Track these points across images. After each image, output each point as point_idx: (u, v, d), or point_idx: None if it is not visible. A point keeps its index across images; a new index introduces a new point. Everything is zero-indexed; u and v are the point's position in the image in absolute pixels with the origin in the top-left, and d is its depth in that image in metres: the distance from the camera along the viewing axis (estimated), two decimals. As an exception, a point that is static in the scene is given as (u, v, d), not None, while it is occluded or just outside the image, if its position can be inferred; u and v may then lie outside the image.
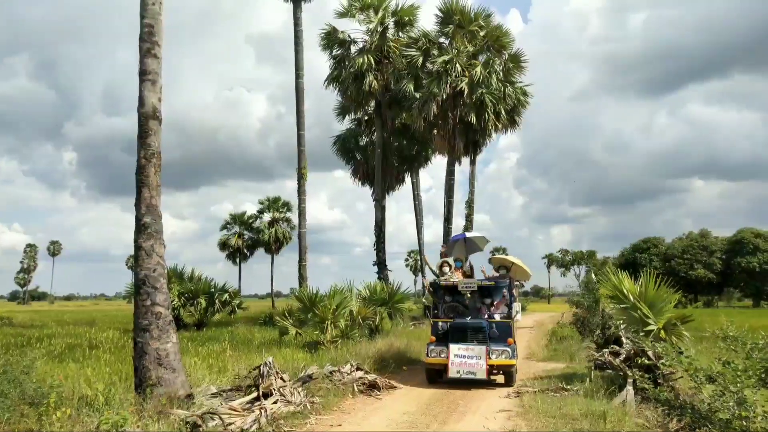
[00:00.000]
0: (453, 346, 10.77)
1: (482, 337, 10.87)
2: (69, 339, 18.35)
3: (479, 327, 11.02)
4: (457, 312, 11.93)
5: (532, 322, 31.40)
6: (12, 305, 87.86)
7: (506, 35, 24.06)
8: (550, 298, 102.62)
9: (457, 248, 13.91)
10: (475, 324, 11.12)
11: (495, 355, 10.65)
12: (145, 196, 8.39)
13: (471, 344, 10.77)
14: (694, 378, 6.80)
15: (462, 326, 11.17)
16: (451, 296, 12.07)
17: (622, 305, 10.93)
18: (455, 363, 10.63)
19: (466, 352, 10.68)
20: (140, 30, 8.81)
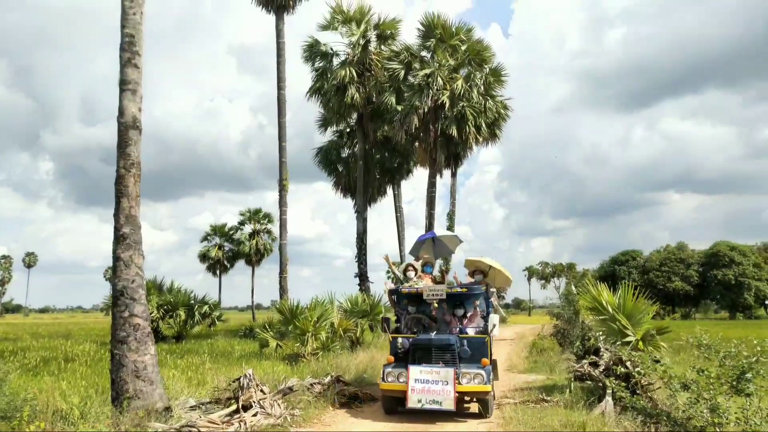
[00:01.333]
0: (413, 369, 8.74)
1: (450, 357, 8.93)
2: (44, 352, 18.00)
3: (446, 344, 9.00)
4: (422, 326, 10.07)
5: (512, 334, 31.52)
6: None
7: (487, 49, 24.35)
8: (530, 310, 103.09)
9: (425, 250, 11.75)
10: (440, 341, 9.06)
11: (466, 379, 8.64)
12: (124, 206, 8.32)
13: (436, 366, 8.76)
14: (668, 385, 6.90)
15: (425, 343, 9.10)
16: (415, 307, 10.16)
17: (601, 317, 11.04)
18: (416, 390, 8.58)
19: (429, 375, 8.65)
20: (120, 39, 8.78)
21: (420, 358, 9.02)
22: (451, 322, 9.99)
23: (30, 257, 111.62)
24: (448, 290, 9.68)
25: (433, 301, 9.80)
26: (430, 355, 8.99)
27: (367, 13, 25.35)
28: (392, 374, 8.98)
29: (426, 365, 8.84)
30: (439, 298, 9.68)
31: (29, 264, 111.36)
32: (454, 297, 9.89)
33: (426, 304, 10.05)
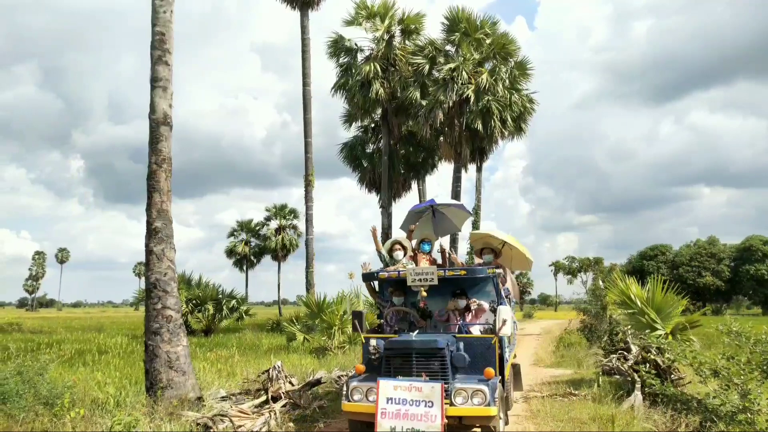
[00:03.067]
0: (385, 384, 6.19)
1: (439, 367, 6.40)
2: (78, 344, 18.48)
3: (432, 348, 6.40)
4: (408, 323, 7.72)
5: (539, 329, 31.39)
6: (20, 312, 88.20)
7: (512, 43, 24.14)
8: (557, 305, 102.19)
9: (422, 224, 9.09)
10: (424, 343, 6.45)
11: (461, 398, 6.17)
12: (156, 200, 8.50)
13: (417, 380, 6.23)
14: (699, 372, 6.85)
15: (402, 347, 6.51)
16: (402, 297, 7.79)
17: (630, 311, 10.96)
18: (388, 413, 6.15)
19: (407, 393, 6.12)
20: (151, 38, 8.96)
21: (397, 369, 6.45)
22: (449, 317, 7.62)
23: (62, 253, 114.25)
24: (441, 274, 7.01)
25: (420, 289, 7.13)
26: (409, 364, 6.40)
27: (392, 8, 25.33)
28: (359, 390, 6.50)
29: (403, 378, 6.28)
30: (428, 284, 7.04)
31: (61, 260, 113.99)
32: (452, 283, 7.42)
33: (415, 294, 7.67)
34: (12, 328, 28.35)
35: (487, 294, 7.64)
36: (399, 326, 7.70)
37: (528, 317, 56.91)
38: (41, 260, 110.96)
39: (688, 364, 7.64)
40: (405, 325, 7.70)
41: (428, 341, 6.46)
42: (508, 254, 8.74)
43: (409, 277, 7.06)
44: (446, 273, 7.04)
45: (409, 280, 7.07)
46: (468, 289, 7.63)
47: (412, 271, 7.09)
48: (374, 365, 6.90)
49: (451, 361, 6.52)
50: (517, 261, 9.01)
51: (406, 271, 7.11)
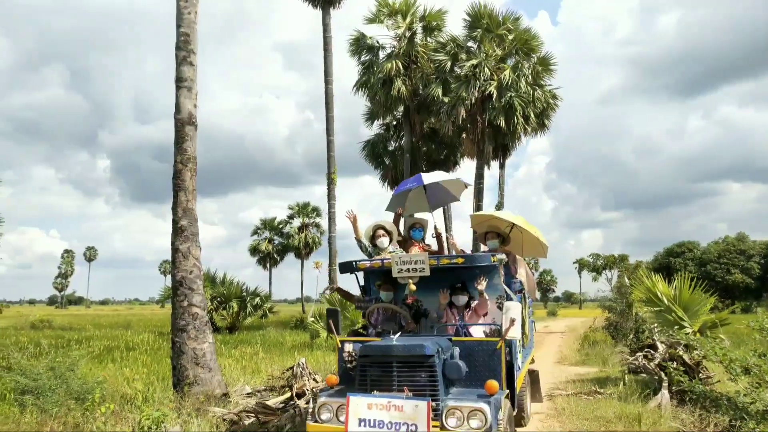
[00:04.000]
0: (357, 400, 4.98)
1: (427, 379, 5.10)
2: (106, 341, 18.83)
3: (416, 356, 5.12)
4: (395, 324, 6.39)
5: (563, 327, 31.12)
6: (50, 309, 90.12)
7: (535, 38, 23.94)
8: (581, 303, 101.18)
9: (412, 202, 7.86)
10: (406, 349, 5.14)
11: (454, 419, 4.89)
12: (182, 199, 8.62)
13: (397, 397, 4.92)
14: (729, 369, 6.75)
15: (378, 354, 5.26)
16: (391, 292, 6.52)
17: (656, 308, 10.81)
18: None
19: (385, 413, 4.91)
20: (176, 39, 9.08)
21: (374, 381, 5.19)
22: (446, 316, 6.38)
23: (90, 251, 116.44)
24: (434, 263, 5.82)
25: (409, 281, 6.02)
26: (389, 376, 5.13)
27: (413, 5, 25.29)
28: (328, 407, 5.25)
29: (380, 394, 5.01)
30: (418, 274, 5.87)
31: (89, 258, 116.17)
32: (448, 273, 6.31)
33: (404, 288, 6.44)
34: (43, 325, 28.99)
35: (493, 287, 6.24)
36: (384, 327, 6.27)
37: (552, 315, 56.42)
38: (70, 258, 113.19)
39: (718, 362, 7.52)
40: (392, 325, 6.31)
41: (412, 346, 5.09)
42: (518, 239, 7.35)
43: (395, 266, 5.86)
44: (440, 261, 5.82)
45: (395, 270, 5.88)
46: (469, 282, 6.31)
47: (398, 258, 5.87)
48: (351, 376, 5.69)
49: (443, 371, 5.18)
50: (530, 246, 7.59)
51: (392, 259, 5.91)
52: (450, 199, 8.26)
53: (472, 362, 5.51)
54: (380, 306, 6.48)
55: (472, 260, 5.90)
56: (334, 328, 6.23)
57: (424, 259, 5.79)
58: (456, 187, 7.96)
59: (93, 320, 37.74)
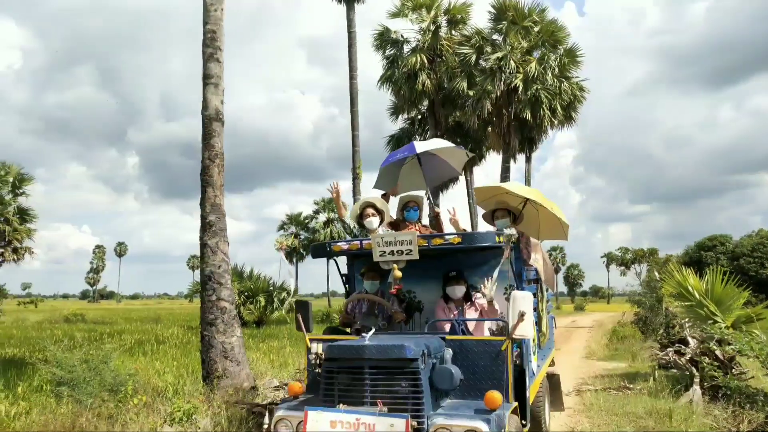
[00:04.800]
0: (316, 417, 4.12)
1: (408, 390, 4.15)
2: (137, 335, 19.20)
3: (393, 360, 4.17)
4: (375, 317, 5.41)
5: (591, 322, 30.79)
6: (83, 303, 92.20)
7: (561, 30, 23.64)
8: (609, 297, 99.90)
9: (405, 178, 6.65)
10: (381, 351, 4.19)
11: None
12: (210, 195, 8.73)
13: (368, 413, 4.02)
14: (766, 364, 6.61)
15: (346, 357, 4.32)
16: (377, 281, 5.51)
17: (687, 303, 10.62)
18: None
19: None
20: (203, 36, 9.16)
21: (342, 392, 4.24)
22: (440, 309, 5.37)
23: (120, 247, 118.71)
24: (424, 244, 4.73)
25: (393, 266, 4.85)
26: (361, 384, 4.17)
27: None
28: (287, 423, 4.40)
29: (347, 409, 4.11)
30: (404, 258, 4.78)
31: (120, 253, 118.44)
32: (442, 257, 5.38)
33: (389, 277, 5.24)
34: (76, 319, 29.69)
35: (500, 276, 5.05)
36: (364, 323, 5.11)
37: (579, 309, 55.85)
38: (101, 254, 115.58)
39: (754, 357, 7.37)
40: (374, 321, 5.23)
41: (389, 347, 4.09)
42: (532, 217, 6.20)
43: (376, 248, 4.80)
44: (431, 242, 4.73)
45: (376, 252, 4.82)
46: (471, 269, 5.42)
47: (380, 239, 4.79)
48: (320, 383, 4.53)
49: (431, 379, 4.20)
50: (547, 226, 6.31)
51: (372, 240, 4.86)
52: (450, 173, 7.01)
53: (471, 367, 4.50)
54: (359, 296, 5.51)
55: (471, 240, 4.75)
56: (302, 324, 5.21)
57: (411, 239, 4.70)
58: (456, 157, 6.68)
59: (124, 314, 38.51)
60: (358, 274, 5.75)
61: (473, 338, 4.78)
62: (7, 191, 29.06)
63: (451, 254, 5.34)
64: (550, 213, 5.96)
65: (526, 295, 4.43)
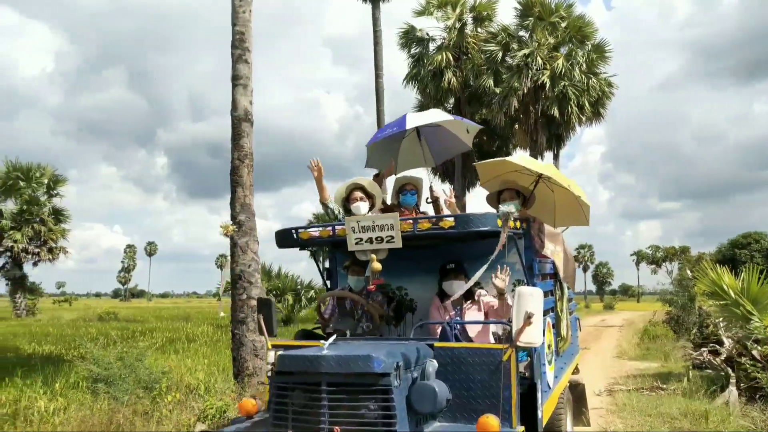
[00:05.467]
0: None
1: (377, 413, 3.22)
2: (168, 333, 19.50)
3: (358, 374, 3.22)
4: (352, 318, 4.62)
5: (621, 321, 30.36)
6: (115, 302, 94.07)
7: (589, 25, 23.39)
8: (639, 296, 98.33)
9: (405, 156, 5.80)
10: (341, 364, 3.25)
11: None
12: (239, 195, 8.83)
13: None
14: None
15: (301, 370, 3.36)
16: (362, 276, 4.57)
17: (722, 302, 10.39)
18: None
19: None
20: (232, 37, 9.26)
21: (297, 414, 3.39)
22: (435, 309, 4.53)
23: (151, 246, 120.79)
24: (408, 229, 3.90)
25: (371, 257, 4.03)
26: (317, 405, 3.29)
27: (463, -4, 25.04)
28: None
29: None
30: (384, 246, 3.98)
31: (150, 252, 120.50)
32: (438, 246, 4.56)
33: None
34: (109, 317, 30.28)
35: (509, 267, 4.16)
36: (339, 327, 4.40)
37: (609, 308, 55.08)
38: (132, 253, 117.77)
39: None
40: (350, 323, 4.47)
41: (351, 359, 3.23)
42: (546, 199, 5.11)
43: (351, 234, 3.95)
44: (417, 226, 3.85)
45: (351, 239, 3.97)
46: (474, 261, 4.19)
47: (355, 223, 3.95)
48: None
49: (408, 399, 3.34)
50: (565, 209, 5.23)
51: (345, 224, 4.01)
52: (459, 147, 5.95)
53: (465, 383, 3.62)
54: (333, 294, 4.74)
55: (466, 223, 3.80)
56: (263, 327, 4.26)
57: (392, 223, 3.82)
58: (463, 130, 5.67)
59: (154, 312, 39.15)
60: (342, 268, 4.89)
61: (467, 346, 3.77)
62: (42, 192, 29.89)
63: (449, 243, 4.48)
64: (567, 192, 4.85)
65: (535, 292, 3.50)
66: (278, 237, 4.51)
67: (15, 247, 28.10)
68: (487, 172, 5.34)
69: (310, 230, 4.39)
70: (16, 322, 26.92)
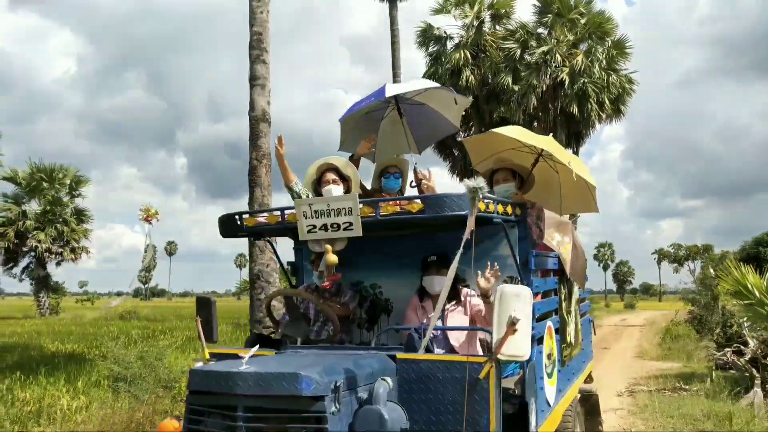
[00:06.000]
0: None
1: None
2: (188, 332, 19.65)
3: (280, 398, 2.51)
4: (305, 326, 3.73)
5: (642, 320, 30.01)
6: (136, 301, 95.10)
7: (609, 21, 23.12)
8: (660, 295, 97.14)
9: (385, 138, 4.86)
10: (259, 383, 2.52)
11: None
12: (258, 195, 8.87)
13: None
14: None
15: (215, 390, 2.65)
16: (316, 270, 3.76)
17: (747, 301, 10.21)
18: None
19: None
20: (249, 38, 9.31)
21: None
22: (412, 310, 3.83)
23: (171, 246, 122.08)
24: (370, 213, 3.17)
25: (325, 247, 3.32)
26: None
27: (480, -7, 24.92)
28: None
29: None
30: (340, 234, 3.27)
31: (170, 252, 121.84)
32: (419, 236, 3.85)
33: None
34: (131, 316, 30.65)
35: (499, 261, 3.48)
36: (289, 332, 3.65)
37: (630, 307, 54.48)
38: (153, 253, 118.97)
39: None
40: (302, 328, 3.66)
41: (274, 377, 2.56)
42: (550, 180, 4.45)
43: (302, 219, 3.27)
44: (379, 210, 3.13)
45: (302, 226, 3.28)
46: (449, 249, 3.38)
47: (307, 207, 3.26)
48: None
49: (352, 428, 2.65)
50: (572, 193, 4.48)
51: (296, 207, 3.34)
52: (445, 129, 5.04)
53: (432, 405, 2.92)
54: (280, 293, 4.27)
55: (437, 206, 3.06)
56: (202, 332, 3.61)
57: (350, 206, 3.13)
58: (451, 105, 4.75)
59: (174, 311, 39.56)
60: (309, 263, 4.15)
61: (436, 358, 3.03)
62: (64, 193, 30.37)
63: (433, 233, 3.76)
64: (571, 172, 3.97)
65: (522, 293, 2.80)
66: (221, 224, 3.81)
67: (39, 247, 28.59)
68: (479, 151, 4.59)
69: (257, 216, 3.71)
70: (40, 320, 27.39)
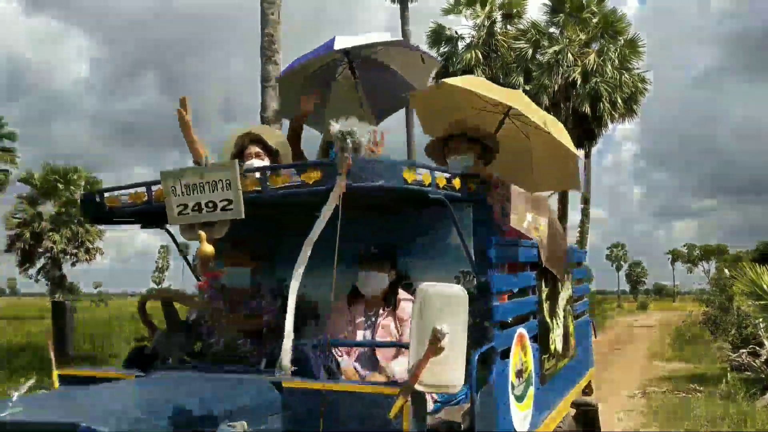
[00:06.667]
0: None
1: None
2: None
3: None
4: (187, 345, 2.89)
5: (654, 321, 29.82)
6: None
7: (621, 20, 23.11)
8: (675, 296, 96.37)
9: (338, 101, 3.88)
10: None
11: None
12: (270, 196, 8.92)
13: None
14: None
15: None
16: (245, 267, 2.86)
17: (762, 302, 10.13)
18: None
19: None
20: (261, 40, 9.37)
21: None
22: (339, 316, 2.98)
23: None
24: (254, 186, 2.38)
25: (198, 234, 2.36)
26: None
27: (492, -7, 24.92)
28: None
29: None
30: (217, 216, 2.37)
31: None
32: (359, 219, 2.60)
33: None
34: (143, 316, 30.91)
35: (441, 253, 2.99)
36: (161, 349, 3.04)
37: (643, 308, 54.13)
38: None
39: None
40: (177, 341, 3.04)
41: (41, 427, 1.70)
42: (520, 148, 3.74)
43: (171, 198, 2.48)
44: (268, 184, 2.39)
45: (172, 209, 2.50)
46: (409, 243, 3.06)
47: (176, 182, 2.44)
48: None
49: None
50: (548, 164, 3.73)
51: (162, 183, 2.51)
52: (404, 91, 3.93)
53: None
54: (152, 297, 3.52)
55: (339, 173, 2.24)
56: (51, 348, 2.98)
57: (228, 179, 2.34)
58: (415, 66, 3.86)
59: (188, 312, 39.86)
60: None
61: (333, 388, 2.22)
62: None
63: (376, 216, 3.00)
64: (549, 137, 3.21)
65: (453, 294, 2.04)
66: (82, 205, 3.20)
67: (54, 248, 28.96)
68: (429, 112, 3.57)
69: (122, 194, 2.85)
70: (55, 320, 27.71)
